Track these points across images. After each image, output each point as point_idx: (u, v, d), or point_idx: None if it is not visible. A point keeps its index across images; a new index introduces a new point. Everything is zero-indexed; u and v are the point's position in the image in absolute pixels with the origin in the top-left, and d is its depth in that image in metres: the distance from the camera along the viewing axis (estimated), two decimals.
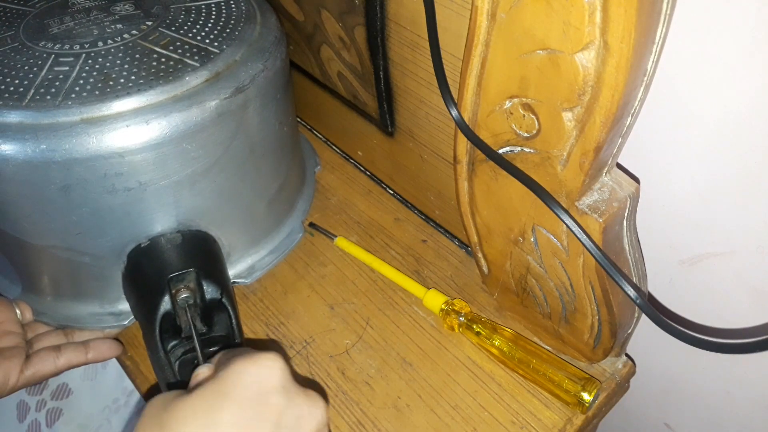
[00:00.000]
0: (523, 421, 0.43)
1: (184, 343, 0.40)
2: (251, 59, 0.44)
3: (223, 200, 0.46)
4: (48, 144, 0.37)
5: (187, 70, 0.40)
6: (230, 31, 0.45)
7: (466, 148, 0.40)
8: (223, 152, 0.43)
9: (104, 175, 0.39)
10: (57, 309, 0.47)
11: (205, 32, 0.44)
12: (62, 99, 0.38)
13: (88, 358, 0.44)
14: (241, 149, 0.44)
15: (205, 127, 0.40)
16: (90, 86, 0.39)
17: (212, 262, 0.45)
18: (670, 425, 0.59)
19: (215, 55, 0.42)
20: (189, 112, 0.39)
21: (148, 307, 0.41)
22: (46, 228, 0.41)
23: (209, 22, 0.45)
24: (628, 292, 0.33)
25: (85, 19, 0.44)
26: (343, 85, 0.56)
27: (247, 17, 0.47)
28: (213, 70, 0.41)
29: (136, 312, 0.45)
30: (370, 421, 0.44)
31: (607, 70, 0.28)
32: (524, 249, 0.41)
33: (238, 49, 0.43)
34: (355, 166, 0.64)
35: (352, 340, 0.49)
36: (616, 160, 0.35)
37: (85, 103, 0.38)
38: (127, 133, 0.38)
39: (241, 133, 0.43)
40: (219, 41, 0.43)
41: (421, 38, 0.43)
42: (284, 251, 0.53)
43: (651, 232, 0.45)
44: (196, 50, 0.42)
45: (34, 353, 0.43)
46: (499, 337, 0.45)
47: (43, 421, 0.56)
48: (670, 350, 0.52)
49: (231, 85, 0.41)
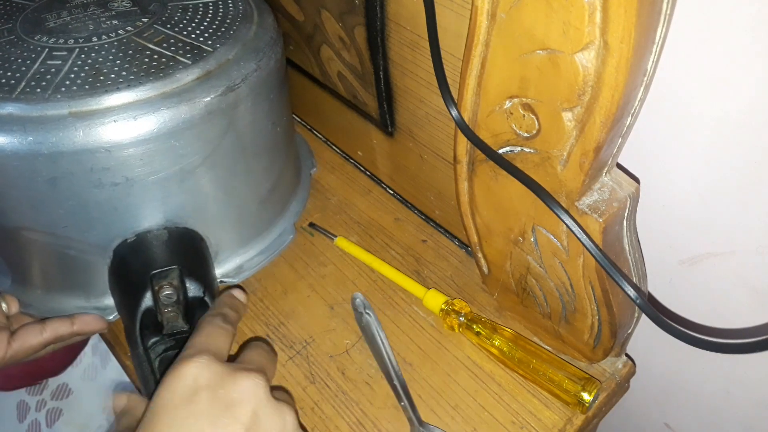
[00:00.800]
0: (523, 421, 0.43)
1: (165, 340, 0.40)
2: (244, 58, 0.44)
3: (212, 199, 0.46)
4: (35, 136, 0.37)
5: (178, 67, 0.41)
6: (225, 29, 0.45)
7: (466, 148, 0.40)
8: (213, 151, 0.43)
9: (91, 169, 0.39)
10: (44, 302, 0.47)
11: (200, 30, 0.44)
12: (52, 92, 0.38)
13: (74, 329, 0.44)
14: (231, 148, 0.44)
15: (193, 125, 0.40)
16: (80, 80, 0.39)
17: (197, 260, 0.45)
18: (670, 425, 0.59)
19: (208, 53, 0.42)
20: (178, 109, 0.39)
21: (130, 302, 0.41)
22: (33, 220, 0.42)
23: (205, 20, 0.45)
24: (628, 292, 0.33)
25: (82, 14, 0.45)
26: (343, 85, 0.56)
27: (243, 17, 0.47)
28: (204, 68, 0.41)
29: (119, 307, 0.45)
30: (370, 421, 0.44)
31: (607, 70, 0.28)
32: (524, 249, 0.41)
33: (231, 48, 0.43)
34: (355, 166, 0.64)
35: (352, 340, 0.49)
36: (616, 160, 0.35)
37: (74, 96, 0.38)
38: (115, 128, 0.38)
39: (231, 132, 0.43)
40: (213, 40, 0.43)
41: (421, 38, 0.43)
42: (274, 252, 0.53)
43: (651, 232, 0.45)
44: (190, 48, 0.42)
45: (19, 327, 0.43)
46: (499, 337, 0.45)
47: (43, 421, 0.56)
48: (670, 350, 0.52)
49: (222, 84, 0.41)
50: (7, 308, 0.45)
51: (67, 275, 0.46)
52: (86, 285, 0.46)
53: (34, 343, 0.43)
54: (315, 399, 0.45)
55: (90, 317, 0.46)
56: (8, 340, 0.42)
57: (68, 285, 0.47)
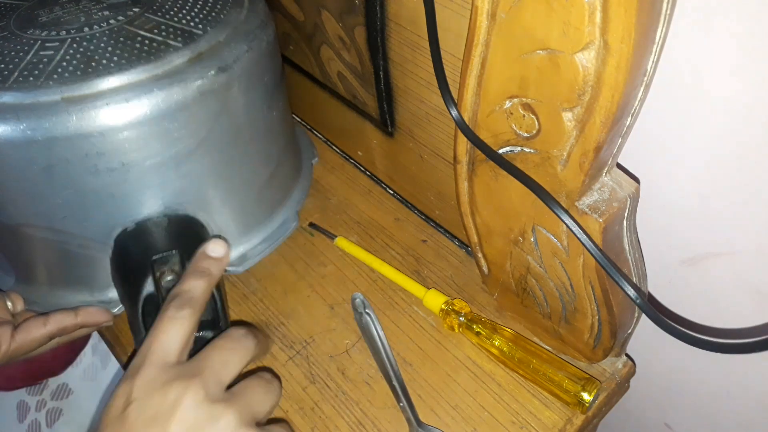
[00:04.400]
0: (523, 421, 0.43)
1: None
2: (235, 40, 0.44)
3: (210, 184, 0.46)
4: (28, 123, 0.37)
5: (169, 50, 0.41)
6: (216, 14, 0.45)
7: (466, 148, 0.40)
8: (207, 133, 0.43)
9: (86, 155, 0.39)
10: (48, 298, 0.47)
11: (191, 16, 0.44)
12: (44, 80, 0.38)
13: (78, 320, 0.44)
14: (226, 131, 0.44)
15: (186, 106, 0.40)
16: (72, 68, 0.39)
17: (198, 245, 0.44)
18: (670, 425, 0.59)
19: (199, 36, 0.42)
20: (170, 91, 0.40)
21: (132, 290, 0.41)
22: (32, 213, 0.42)
23: (196, 6, 0.45)
24: (628, 292, 0.33)
25: (74, 8, 0.45)
26: (343, 85, 0.56)
27: (234, 2, 0.47)
28: (196, 50, 0.41)
29: (123, 298, 0.45)
30: (370, 421, 0.44)
31: (607, 70, 0.28)
32: (524, 249, 0.41)
33: (222, 31, 0.44)
34: (355, 166, 0.64)
35: (352, 340, 0.49)
36: (616, 160, 0.35)
37: (66, 83, 0.38)
38: (108, 111, 0.38)
39: (225, 114, 0.43)
40: (204, 24, 0.44)
41: (421, 38, 0.43)
42: (278, 240, 0.53)
43: (651, 232, 0.45)
44: (181, 32, 0.42)
45: (23, 321, 0.43)
46: (499, 337, 0.45)
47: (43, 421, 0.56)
48: (670, 350, 0.52)
49: (214, 65, 0.41)
50: (12, 306, 0.45)
51: (70, 270, 0.46)
52: (89, 279, 0.46)
53: (37, 335, 0.42)
54: (315, 399, 0.45)
55: (94, 309, 0.45)
56: (11, 333, 0.42)
57: (71, 280, 0.47)
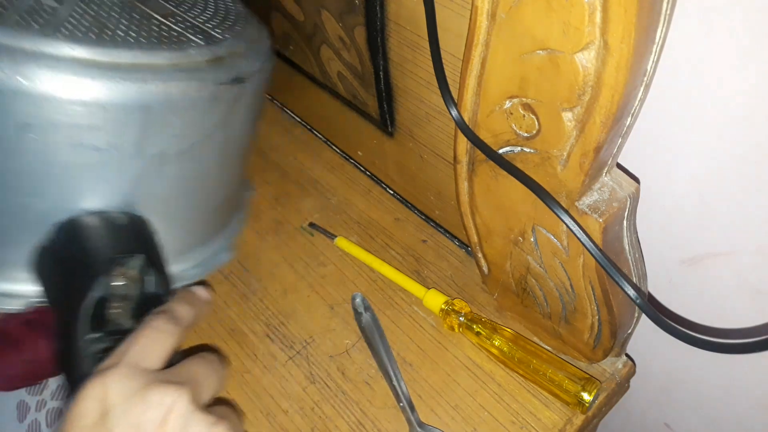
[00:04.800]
0: (523, 421, 0.43)
1: (104, 339, 0.35)
2: (251, 57, 0.43)
3: (181, 192, 0.43)
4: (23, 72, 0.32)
5: (190, 44, 0.39)
6: (231, 24, 0.44)
7: (466, 148, 0.40)
8: (201, 139, 0.41)
9: (76, 125, 0.35)
10: None
11: (205, 17, 0.43)
12: (51, 30, 0.34)
13: None
14: (217, 143, 0.43)
15: (195, 105, 0.39)
16: (84, 28, 0.35)
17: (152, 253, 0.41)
18: (670, 425, 0.59)
19: (219, 40, 0.41)
20: (188, 84, 0.38)
21: (73, 289, 0.36)
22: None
23: (208, 10, 0.45)
24: (628, 292, 0.33)
25: None
26: (343, 85, 0.56)
27: (246, 19, 0.46)
28: (216, 52, 0.40)
29: (52, 294, 0.39)
30: (370, 421, 0.44)
31: (607, 70, 0.28)
32: (524, 249, 0.41)
33: (240, 42, 0.43)
34: (355, 166, 0.64)
35: (352, 340, 0.49)
36: (616, 160, 0.35)
37: (79, 42, 0.34)
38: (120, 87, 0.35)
39: (222, 125, 0.42)
40: (221, 29, 0.43)
41: (421, 38, 0.43)
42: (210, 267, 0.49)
43: (651, 232, 0.45)
44: (199, 30, 0.41)
45: None
46: (499, 337, 0.45)
47: (43, 421, 0.56)
48: (670, 350, 0.52)
49: (232, 73, 0.41)
50: None
51: None
52: None
53: None
54: (315, 399, 0.45)
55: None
56: None
57: None
